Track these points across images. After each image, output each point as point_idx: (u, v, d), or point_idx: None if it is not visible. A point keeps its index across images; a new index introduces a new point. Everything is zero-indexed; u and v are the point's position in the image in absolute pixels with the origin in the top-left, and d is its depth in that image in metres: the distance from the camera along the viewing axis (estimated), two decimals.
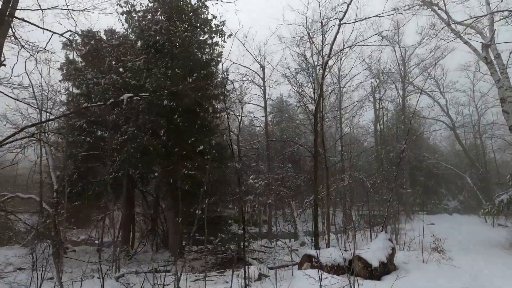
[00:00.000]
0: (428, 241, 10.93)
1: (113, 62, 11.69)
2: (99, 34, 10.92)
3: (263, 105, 20.17)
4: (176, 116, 10.73)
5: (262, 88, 20.06)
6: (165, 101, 10.27)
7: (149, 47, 12.21)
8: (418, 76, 28.19)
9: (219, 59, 14.84)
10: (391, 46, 27.03)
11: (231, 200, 13.60)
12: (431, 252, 9.81)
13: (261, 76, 20.24)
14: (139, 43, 12.64)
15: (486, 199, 24.26)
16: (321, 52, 9.81)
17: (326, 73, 10.78)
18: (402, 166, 23.22)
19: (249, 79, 19.92)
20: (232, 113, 17.97)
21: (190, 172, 10.20)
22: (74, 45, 10.58)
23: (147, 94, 10.27)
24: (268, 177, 15.69)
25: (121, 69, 12.36)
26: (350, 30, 30.68)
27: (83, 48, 10.84)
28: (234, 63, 19.63)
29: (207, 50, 14.31)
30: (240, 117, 15.67)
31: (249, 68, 20.15)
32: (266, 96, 20.07)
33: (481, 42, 13.15)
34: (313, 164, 8.60)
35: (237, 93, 17.82)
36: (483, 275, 7.56)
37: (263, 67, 20.26)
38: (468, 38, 13.58)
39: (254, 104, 20.75)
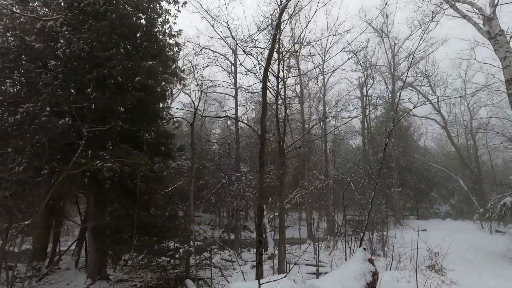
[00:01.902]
0: (422, 255, 8.56)
1: (17, 22, 8.99)
2: None
3: (233, 94, 17.58)
4: (89, 90, 8.08)
5: (233, 74, 17.54)
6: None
7: (73, 8, 9.59)
8: (408, 70, 26.18)
9: (174, 32, 12.31)
10: (380, 37, 25.12)
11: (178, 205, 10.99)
12: (427, 273, 7.41)
13: (232, 61, 17.76)
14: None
15: (480, 203, 22.39)
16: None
17: (284, 25, 8.38)
18: (391, 165, 20.96)
19: (218, 64, 17.41)
20: (188, 95, 15.34)
21: (106, 164, 7.54)
22: None
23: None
24: (229, 176, 13.10)
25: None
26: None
27: None
28: (204, 47, 17.17)
29: (156, 18, 11.79)
30: (198, 103, 13.08)
31: (218, 52, 17.65)
32: (237, 84, 17.55)
33: (482, 15, 11.16)
34: (260, 148, 6.08)
35: (197, 77, 15.26)
36: None
37: (234, 52, 17.77)
38: (466, 10, 11.54)
39: (223, 94, 18.17)
